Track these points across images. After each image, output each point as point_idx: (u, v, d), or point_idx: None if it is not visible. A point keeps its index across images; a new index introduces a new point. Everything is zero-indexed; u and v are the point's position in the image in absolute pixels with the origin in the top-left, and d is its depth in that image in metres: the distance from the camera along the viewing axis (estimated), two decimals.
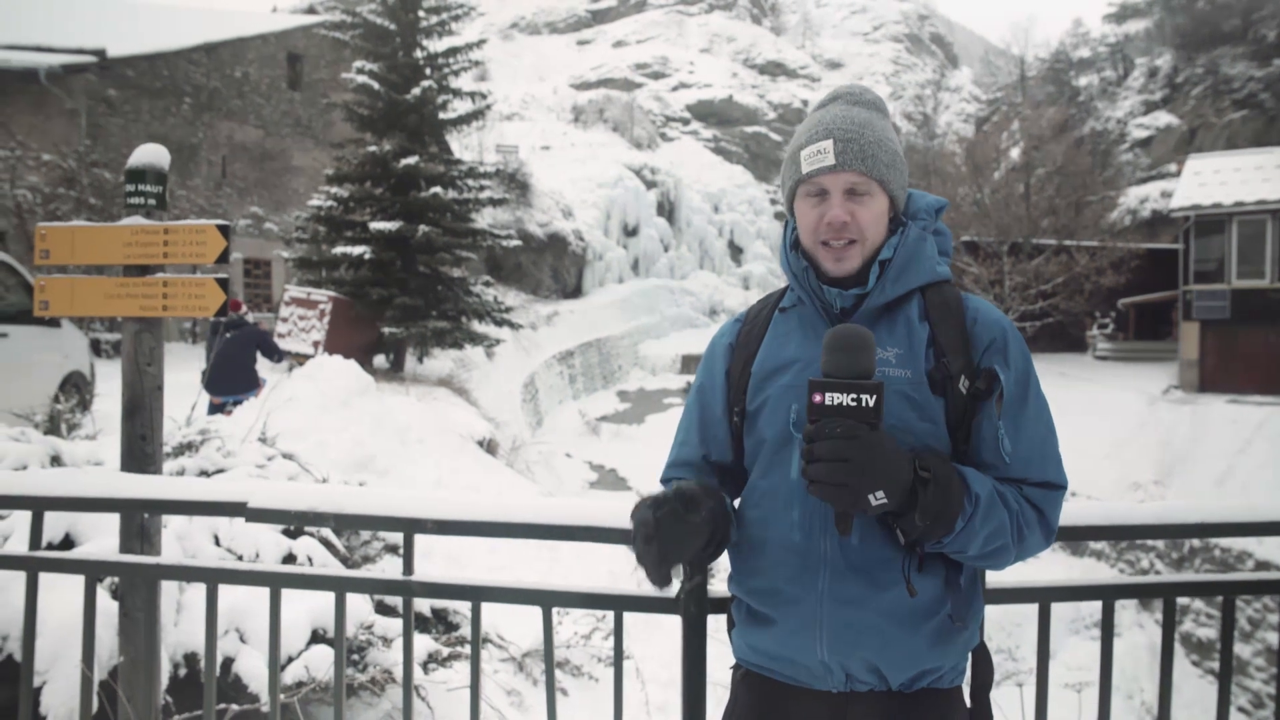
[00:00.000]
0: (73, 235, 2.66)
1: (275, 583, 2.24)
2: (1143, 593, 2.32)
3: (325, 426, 7.30)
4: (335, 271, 18.15)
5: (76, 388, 8.72)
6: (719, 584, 2.18)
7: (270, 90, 24.07)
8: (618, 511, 2.19)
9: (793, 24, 79.99)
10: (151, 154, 2.60)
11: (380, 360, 18.73)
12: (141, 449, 2.64)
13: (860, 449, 1.34)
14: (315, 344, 16.54)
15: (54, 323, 8.74)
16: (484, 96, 20.18)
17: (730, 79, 67.28)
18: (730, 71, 68.41)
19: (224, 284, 2.62)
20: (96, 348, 14.12)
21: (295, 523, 2.24)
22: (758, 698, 1.63)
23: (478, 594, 2.19)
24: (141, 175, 2.62)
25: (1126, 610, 16.09)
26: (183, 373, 6.92)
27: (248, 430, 5.51)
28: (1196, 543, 16.23)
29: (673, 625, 7.84)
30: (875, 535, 1.50)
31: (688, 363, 41.74)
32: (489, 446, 14.62)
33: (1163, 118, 38.84)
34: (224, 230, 2.58)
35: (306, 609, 3.43)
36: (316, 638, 3.44)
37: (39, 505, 2.35)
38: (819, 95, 73.16)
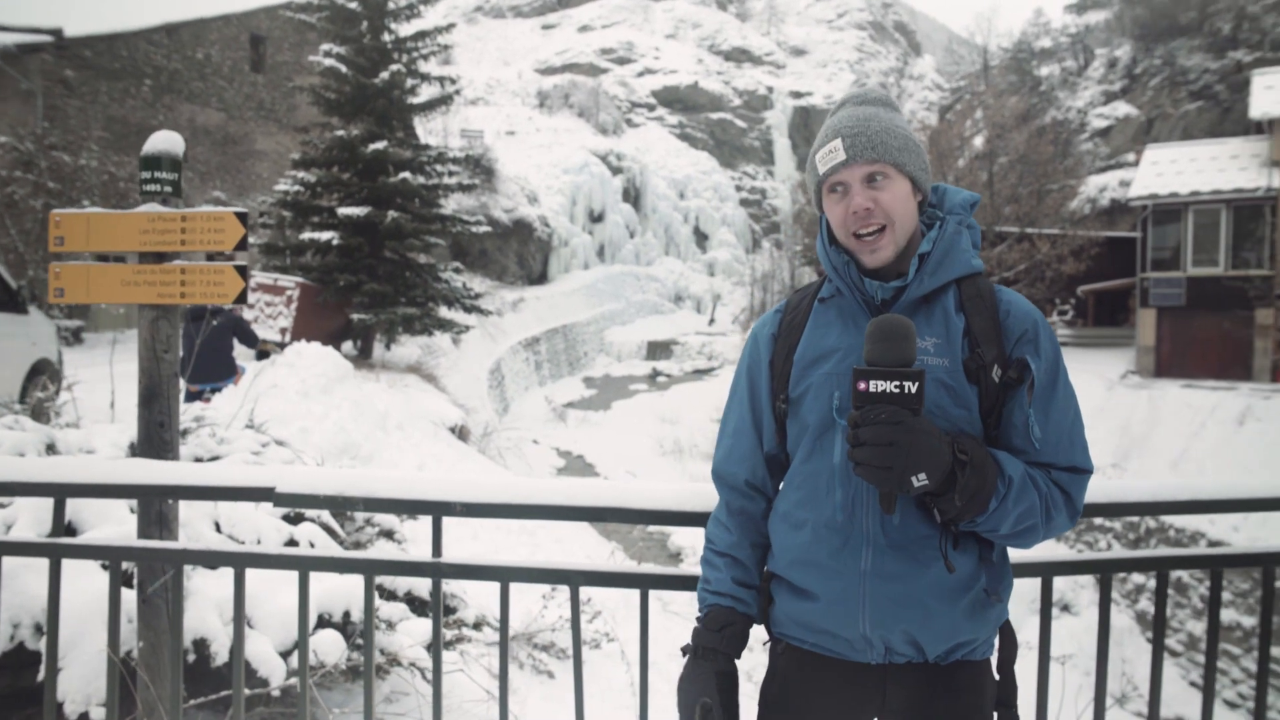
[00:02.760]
0: (87, 221, 2.64)
1: (304, 566, 2.27)
2: (1137, 566, 2.42)
3: (307, 413, 7.27)
4: (302, 257, 17.97)
5: (45, 375, 8.58)
6: None
7: (233, 73, 23.64)
8: (644, 493, 2.25)
9: (758, 10, 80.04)
10: (166, 141, 2.60)
11: (348, 347, 18.59)
12: (160, 435, 2.65)
13: (904, 433, 1.42)
14: (283, 331, 16.38)
15: (20, 309, 8.57)
16: (453, 81, 20.03)
17: (696, 65, 67.22)
18: (696, 57, 68.34)
19: (243, 271, 2.63)
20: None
21: (324, 507, 2.27)
22: (798, 670, 1.70)
23: (507, 574, 2.24)
24: (157, 162, 2.61)
25: (1085, 589, 16.49)
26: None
27: (231, 418, 5.48)
28: (1152, 523, 16.67)
29: (654, 608, 7.90)
30: (914, 514, 1.58)
31: (654, 349, 41.87)
32: (461, 433, 14.62)
33: (1121, 108, 39.54)
34: (242, 217, 2.58)
35: (313, 593, 3.45)
36: (322, 622, 3.47)
37: (62, 492, 2.35)
38: (784, 82, 73.44)
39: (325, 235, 17.26)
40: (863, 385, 1.45)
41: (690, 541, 16.39)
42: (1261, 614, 2.44)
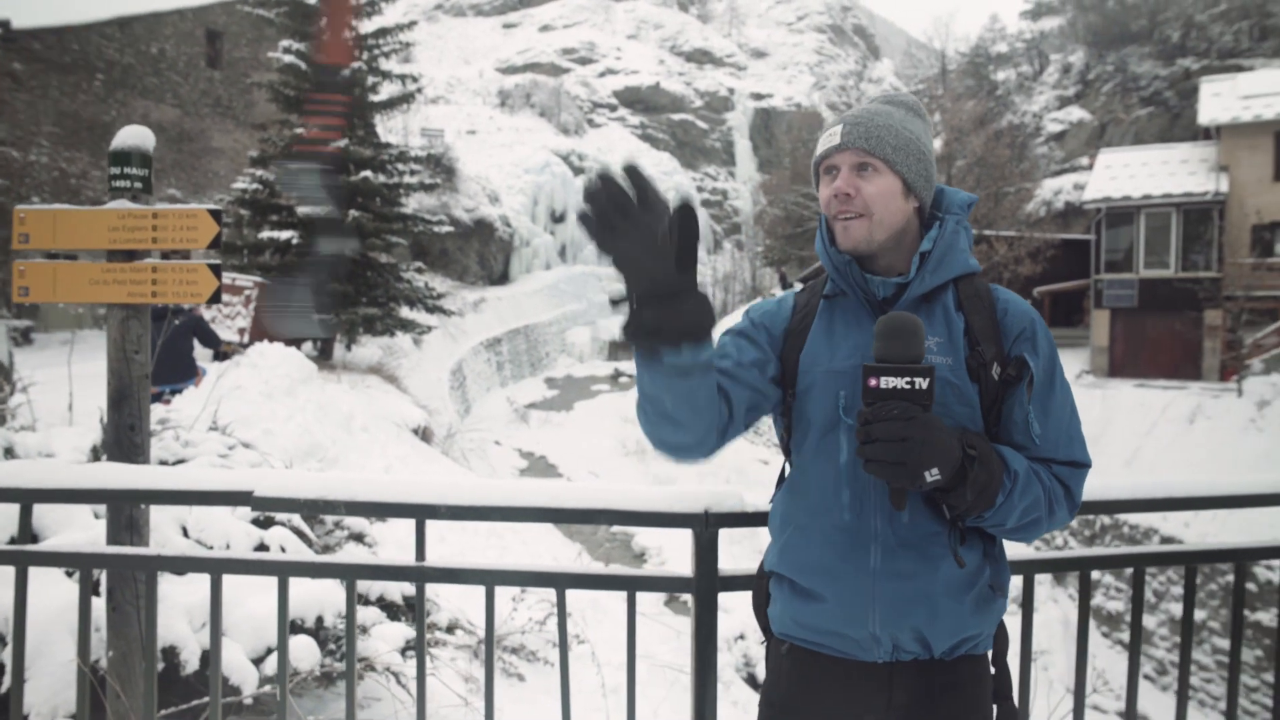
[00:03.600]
0: (54, 218, 2.56)
1: (284, 571, 2.22)
2: (1114, 563, 2.46)
3: (271, 415, 7.14)
4: (260, 256, 17.68)
5: None
6: (725, 563, 2.25)
7: (188, 68, 23.21)
8: (630, 496, 2.24)
9: (719, 12, 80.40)
10: (136, 136, 2.53)
11: (308, 348, 18.34)
12: (130, 439, 2.58)
13: (916, 429, 1.42)
14: (241, 331, 16.10)
15: None
16: (415, 79, 19.86)
17: (657, 66, 67.36)
18: (657, 58, 68.48)
19: (216, 270, 2.56)
20: None
21: (305, 511, 2.22)
22: (803, 671, 1.70)
23: (492, 578, 2.21)
24: (127, 158, 2.54)
25: (1042, 585, 16.78)
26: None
27: (194, 420, 5.37)
28: (1106, 520, 17.01)
29: (621, 609, 7.89)
30: (922, 511, 1.59)
31: (615, 349, 41.89)
32: (424, 434, 14.48)
33: (1075, 113, 40.34)
34: (216, 215, 2.52)
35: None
36: (294, 628, 3.41)
37: (29, 498, 2.28)
38: (745, 84, 73.81)
39: (284, 234, 17.02)
40: (873, 382, 1.45)
41: (655, 542, 16.41)
42: (1233, 606, 2.49)
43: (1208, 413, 18.02)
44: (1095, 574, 16.50)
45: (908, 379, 1.43)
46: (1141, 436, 18.52)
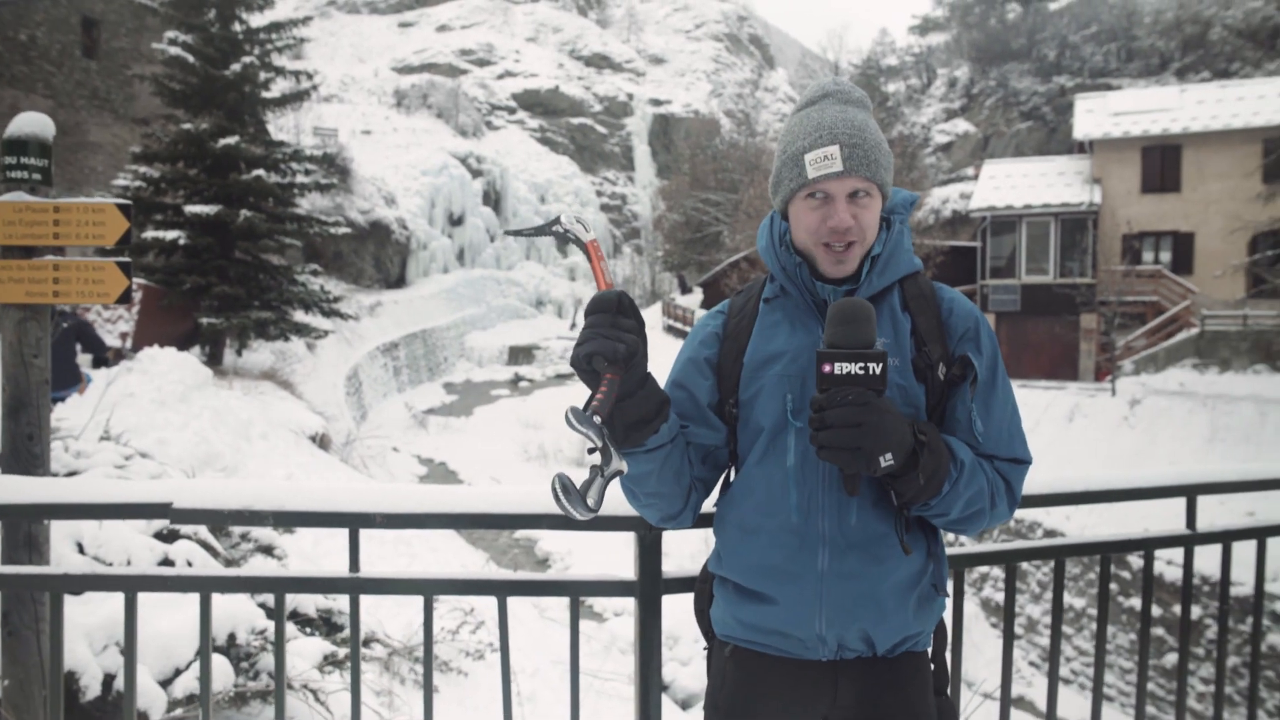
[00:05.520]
0: None
1: (207, 587, 2.10)
2: (1038, 555, 2.56)
3: (164, 423, 6.78)
4: (144, 258, 16.84)
5: None
6: (668, 564, 2.23)
7: (62, 57, 21.92)
8: None
9: (618, 18, 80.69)
10: (33, 123, 2.35)
11: (196, 353, 17.56)
12: (29, 449, 2.39)
13: (872, 413, 1.42)
14: (124, 336, 15.33)
15: None
16: (309, 76, 19.29)
17: (556, 69, 67.17)
18: (556, 62, 68.28)
19: (126, 268, 2.40)
20: None
21: (229, 523, 2.11)
22: (747, 672, 1.69)
23: (430, 587, 2.14)
24: (23, 146, 2.35)
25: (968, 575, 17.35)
26: None
27: (83, 429, 5.06)
28: None
29: (531, 615, 7.78)
30: (870, 513, 1.59)
31: (515, 354, 41.48)
32: (322, 441, 14.05)
33: (961, 125, 42.07)
34: (125, 210, 2.36)
35: (193, 617, 3.21)
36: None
37: None
38: (644, 90, 74.11)
39: (170, 234, 16.26)
40: (827, 368, 1.44)
41: (560, 547, 16.31)
42: (1143, 594, 2.61)
43: (1085, 411, 19.00)
44: (983, 569, 17.20)
45: (861, 364, 1.43)
46: (1026, 434, 19.36)
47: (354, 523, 2.10)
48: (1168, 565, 12.59)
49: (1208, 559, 2.84)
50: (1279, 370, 19.24)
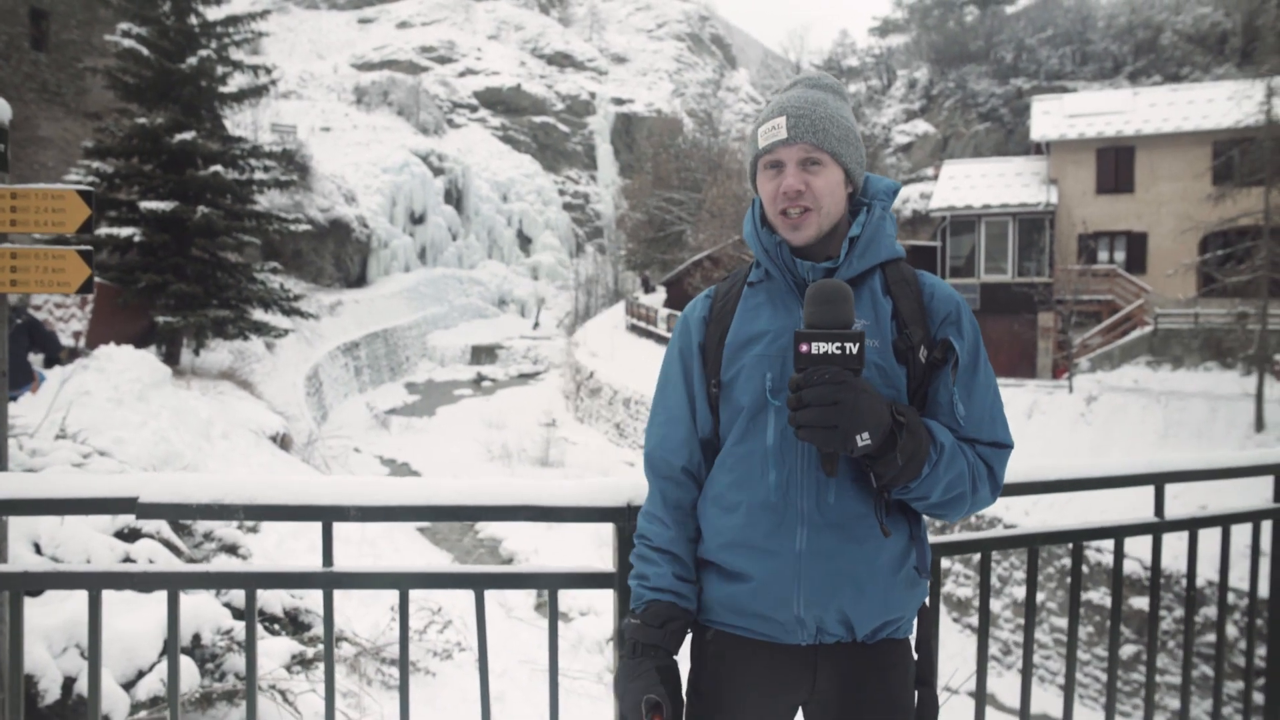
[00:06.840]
0: None
1: (175, 584, 2.04)
2: (1012, 544, 2.58)
3: (123, 422, 6.62)
4: (98, 255, 16.47)
5: None
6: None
7: (9, 49, 21.34)
8: (548, 491, 2.18)
9: (580, 16, 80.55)
10: None
11: (152, 352, 17.22)
12: None
13: (848, 392, 1.43)
14: (77, 335, 15.00)
15: None
16: (268, 71, 18.99)
17: (519, 68, 66.90)
18: (518, 60, 68.01)
19: (88, 257, 2.33)
20: None
21: (197, 517, 2.06)
22: (727, 656, 1.69)
23: (406, 581, 2.10)
24: None
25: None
26: None
27: (37, 427, 4.94)
28: None
29: (498, 615, 7.70)
30: (849, 491, 1.59)
31: (478, 353, 41.23)
32: (282, 442, 13.85)
33: (921, 125, 42.56)
34: (86, 196, 2.29)
35: (156, 617, 3.15)
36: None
37: None
38: (607, 89, 74.20)
39: (125, 231, 15.91)
40: (804, 347, 1.46)
41: (525, 545, 16.21)
42: (1114, 582, 2.65)
43: (1043, 408, 19.29)
44: (945, 563, 17.42)
45: (838, 344, 1.45)
46: None
47: (328, 515, 2.06)
48: (1126, 559, 12.83)
49: (1169, 555, 2.89)
50: (1229, 368, 19.68)
